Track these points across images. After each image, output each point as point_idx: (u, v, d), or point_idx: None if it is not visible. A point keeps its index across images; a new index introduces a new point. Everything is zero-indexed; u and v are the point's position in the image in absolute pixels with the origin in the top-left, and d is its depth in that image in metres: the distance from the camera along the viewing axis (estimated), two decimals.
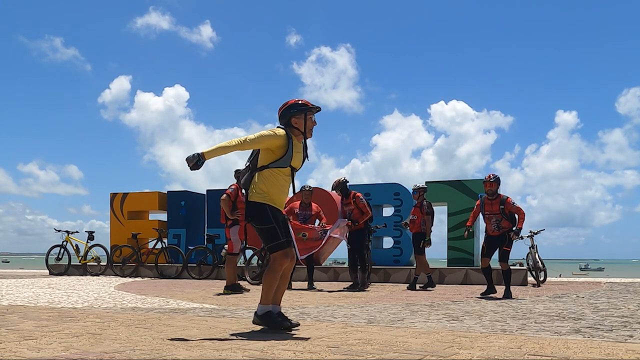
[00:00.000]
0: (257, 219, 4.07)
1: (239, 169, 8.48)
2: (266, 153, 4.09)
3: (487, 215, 7.47)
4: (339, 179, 8.96)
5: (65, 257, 13.28)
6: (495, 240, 7.47)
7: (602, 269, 76.58)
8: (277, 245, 4.03)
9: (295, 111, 4.16)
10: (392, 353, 3.10)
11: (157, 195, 13.79)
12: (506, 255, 7.47)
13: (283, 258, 4.04)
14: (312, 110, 4.20)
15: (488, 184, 7.54)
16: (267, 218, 4.04)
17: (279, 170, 4.08)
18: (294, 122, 4.16)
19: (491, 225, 7.44)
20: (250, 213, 4.10)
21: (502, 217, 7.38)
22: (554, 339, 3.60)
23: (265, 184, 4.07)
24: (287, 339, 3.61)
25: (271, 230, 4.04)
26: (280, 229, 4.05)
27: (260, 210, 4.05)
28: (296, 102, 4.20)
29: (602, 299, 6.80)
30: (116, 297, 7.22)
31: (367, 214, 8.66)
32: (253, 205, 4.08)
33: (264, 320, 4.05)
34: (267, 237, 4.06)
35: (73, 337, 3.72)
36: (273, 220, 4.04)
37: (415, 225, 9.05)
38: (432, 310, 5.57)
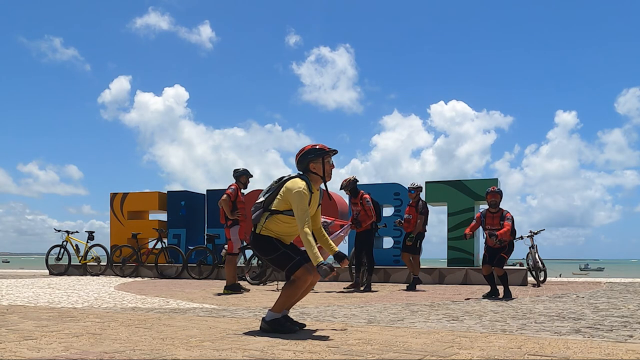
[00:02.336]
0: (265, 251, 4.12)
1: (237, 168, 8.50)
2: (283, 201, 4.10)
3: (489, 229, 7.47)
4: (349, 178, 8.84)
5: (65, 257, 13.28)
6: (496, 250, 7.48)
7: (602, 269, 76.57)
8: (294, 265, 4.03)
9: (313, 156, 4.18)
10: (392, 353, 3.10)
11: (157, 195, 13.79)
12: (503, 261, 7.46)
13: (306, 275, 4.02)
14: (329, 154, 4.22)
15: (491, 195, 7.52)
16: (274, 247, 4.08)
17: (292, 218, 4.09)
18: (312, 167, 4.18)
19: (492, 239, 7.43)
20: (256, 245, 4.14)
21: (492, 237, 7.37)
22: (554, 339, 3.60)
23: (276, 227, 4.10)
24: (287, 339, 3.61)
25: (282, 256, 4.07)
26: (290, 251, 4.08)
27: (266, 241, 4.09)
28: (313, 147, 4.21)
29: (602, 299, 6.80)
30: (116, 297, 7.22)
31: (370, 218, 8.59)
32: (260, 238, 4.12)
33: (272, 326, 4.02)
34: (281, 263, 4.09)
35: (73, 337, 3.72)
36: (281, 247, 4.08)
37: (411, 225, 9.02)
38: (432, 310, 5.57)
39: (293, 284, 4.04)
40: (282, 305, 4.07)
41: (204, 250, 12.03)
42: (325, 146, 4.23)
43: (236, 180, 8.39)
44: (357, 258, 9.04)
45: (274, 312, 4.05)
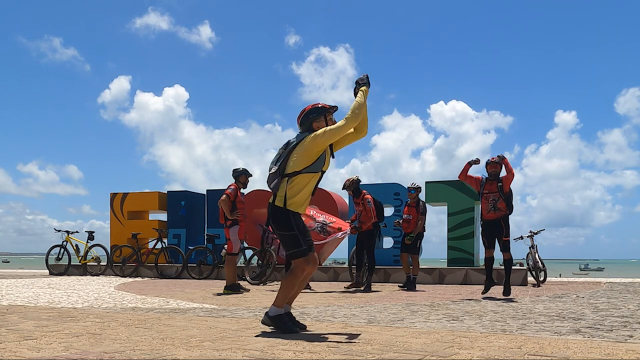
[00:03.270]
0: (280, 225, 4.08)
1: (236, 168, 8.49)
2: (301, 158, 4.06)
3: (485, 194, 7.40)
4: (352, 178, 8.83)
5: (65, 257, 13.29)
6: (491, 226, 7.38)
7: (602, 269, 76.58)
8: (299, 252, 4.04)
9: (315, 115, 4.17)
10: (392, 353, 3.10)
11: (157, 195, 13.79)
12: (507, 244, 7.43)
13: (305, 264, 4.04)
14: (330, 111, 4.21)
15: (491, 166, 7.45)
16: (289, 225, 4.05)
17: (311, 175, 4.08)
18: (316, 127, 4.16)
19: (488, 204, 7.36)
20: (273, 217, 4.11)
21: (499, 197, 7.31)
22: (554, 339, 3.60)
23: (294, 190, 4.05)
24: (287, 339, 3.61)
25: (293, 238, 4.05)
26: (301, 236, 4.06)
27: (284, 217, 4.05)
28: (315, 107, 4.21)
29: (602, 299, 6.80)
30: (116, 297, 7.22)
31: (369, 219, 8.58)
32: (277, 210, 4.08)
33: (275, 322, 4.02)
34: (288, 243, 4.08)
35: (73, 337, 3.72)
36: (295, 228, 4.05)
37: (411, 225, 9.01)
38: (432, 310, 5.57)
39: (291, 273, 4.06)
40: (284, 298, 4.06)
41: (204, 250, 12.03)
42: (325, 104, 4.22)
43: (235, 180, 8.39)
44: (358, 258, 9.03)
45: (277, 306, 4.05)
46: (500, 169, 7.45)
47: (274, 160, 4.20)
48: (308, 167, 4.05)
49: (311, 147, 4.04)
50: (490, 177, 7.46)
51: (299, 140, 4.12)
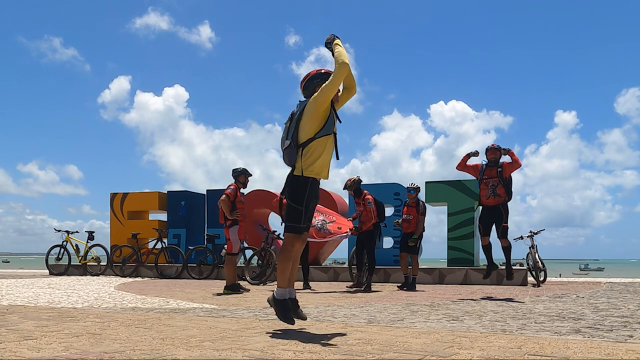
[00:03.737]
0: (294, 194, 4.07)
1: (236, 167, 8.49)
2: (311, 123, 4.03)
3: (485, 180, 7.39)
4: (353, 178, 8.84)
5: (65, 257, 13.29)
6: (489, 212, 7.35)
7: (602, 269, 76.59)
8: (296, 228, 4.06)
9: (319, 81, 4.14)
10: (392, 353, 3.10)
11: (157, 195, 13.79)
12: (505, 230, 7.41)
13: (295, 241, 4.08)
14: None
15: (491, 152, 7.45)
16: (301, 198, 4.05)
17: (326, 138, 4.06)
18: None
19: (487, 190, 7.34)
20: (290, 187, 4.10)
21: (498, 182, 7.30)
22: (554, 339, 3.60)
23: (314, 156, 4.03)
24: (287, 339, 3.61)
25: (297, 212, 4.05)
26: (305, 215, 4.07)
27: (301, 187, 4.04)
28: (318, 72, 4.20)
29: (602, 299, 6.80)
30: (116, 297, 7.22)
31: (370, 219, 8.57)
32: (295, 180, 4.07)
33: (277, 305, 4.05)
34: (291, 215, 4.08)
35: (73, 337, 3.72)
36: (305, 204, 4.05)
37: (411, 225, 9.01)
38: (432, 310, 5.57)
39: (282, 249, 4.10)
40: (282, 275, 4.09)
41: (204, 250, 12.03)
42: (330, 70, 4.19)
43: (235, 180, 8.39)
44: (358, 258, 9.03)
45: (281, 287, 4.07)
46: (500, 155, 7.46)
47: (284, 136, 4.18)
48: (320, 131, 4.03)
49: (316, 109, 4.01)
50: (490, 163, 7.46)
51: (301, 109, 4.11)
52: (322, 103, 4.01)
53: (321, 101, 4.00)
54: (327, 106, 4.04)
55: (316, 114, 4.02)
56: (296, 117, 4.11)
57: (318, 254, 11.89)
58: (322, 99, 4.00)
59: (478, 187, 7.54)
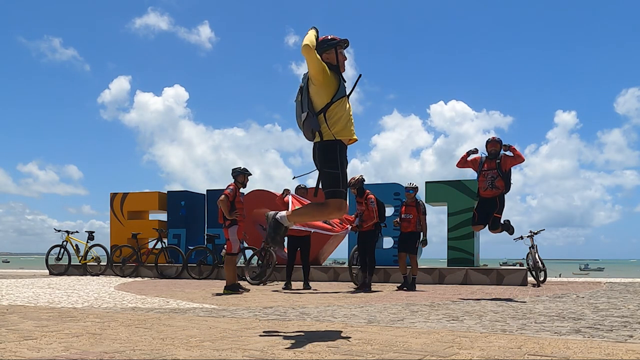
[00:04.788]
0: (326, 161, 4.02)
1: (236, 167, 8.48)
2: (323, 89, 4.00)
3: (484, 172, 7.39)
4: (356, 177, 8.84)
5: (65, 257, 13.30)
6: (486, 203, 7.34)
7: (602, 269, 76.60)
8: (337, 193, 4.00)
9: (326, 47, 4.11)
10: (392, 353, 3.10)
11: (157, 195, 13.79)
12: (497, 221, 7.38)
13: (336, 209, 4.01)
14: (341, 44, 4.17)
15: (491, 144, 7.45)
16: (335, 162, 4.00)
17: (342, 100, 4.03)
18: (326, 58, 4.10)
19: (485, 182, 7.33)
20: (321, 154, 4.04)
21: (497, 175, 7.30)
22: (554, 339, 3.60)
23: (336, 117, 4.00)
24: (287, 339, 3.60)
25: (336, 176, 4.00)
26: (343, 178, 4.03)
27: (332, 151, 4.00)
28: (325, 39, 4.16)
29: (602, 299, 6.80)
30: (116, 297, 7.22)
31: (371, 219, 8.56)
32: (326, 145, 4.02)
33: (274, 225, 4.02)
34: (330, 181, 4.02)
35: (73, 337, 3.72)
36: (340, 167, 4.01)
37: (411, 225, 9.01)
38: (432, 310, 5.57)
39: (322, 208, 4.03)
40: (301, 218, 4.07)
41: (204, 250, 12.03)
42: (336, 37, 4.18)
43: (234, 180, 8.38)
44: (361, 258, 9.00)
45: (289, 219, 4.04)
46: (500, 148, 7.46)
47: (299, 110, 4.13)
48: (336, 94, 4.01)
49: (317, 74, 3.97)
50: (490, 155, 7.47)
51: (306, 81, 4.09)
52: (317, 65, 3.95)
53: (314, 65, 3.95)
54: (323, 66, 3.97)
55: (323, 80, 3.98)
56: (305, 89, 4.08)
57: (318, 253, 11.89)
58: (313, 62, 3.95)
59: (477, 179, 7.54)
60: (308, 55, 3.93)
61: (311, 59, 3.95)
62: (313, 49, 3.92)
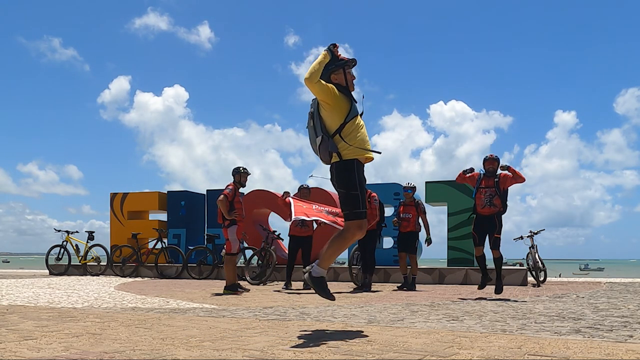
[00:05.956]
0: (344, 182, 4.00)
1: (237, 167, 8.48)
2: (335, 111, 3.99)
3: (482, 189, 7.38)
4: None
5: (65, 257, 13.30)
6: (484, 221, 7.34)
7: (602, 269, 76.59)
8: (356, 214, 3.97)
9: (334, 67, 4.10)
10: (392, 353, 3.10)
11: (157, 195, 13.79)
12: (498, 242, 7.39)
13: (357, 229, 3.99)
14: (349, 64, 4.15)
15: (489, 162, 7.45)
16: (353, 182, 3.98)
17: (355, 118, 4.03)
18: (334, 79, 4.10)
19: (483, 199, 7.33)
20: (339, 173, 4.01)
21: (495, 193, 7.30)
22: (554, 339, 3.60)
23: (352, 135, 3.98)
24: (287, 339, 3.60)
25: (355, 197, 3.98)
26: (362, 197, 4.00)
27: (350, 170, 3.98)
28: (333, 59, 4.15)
29: (602, 299, 6.80)
30: (116, 297, 7.22)
31: (374, 218, 8.55)
32: (341, 165, 4.00)
33: (316, 283, 3.97)
34: (349, 203, 3.99)
35: (73, 337, 3.72)
36: (358, 187, 3.98)
37: (410, 224, 9.01)
38: (432, 310, 5.57)
39: (343, 235, 4.00)
40: (330, 259, 4.01)
41: (204, 250, 12.04)
42: (345, 57, 4.16)
43: (234, 179, 8.36)
44: (362, 258, 9.00)
45: (322, 267, 3.99)
46: (497, 166, 7.46)
47: (313, 134, 4.11)
48: (349, 114, 4.00)
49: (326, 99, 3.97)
50: (487, 173, 7.46)
51: (316, 106, 4.09)
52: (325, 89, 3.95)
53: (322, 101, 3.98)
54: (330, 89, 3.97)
55: (332, 102, 3.98)
56: (316, 113, 4.07)
57: (318, 254, 11.88)
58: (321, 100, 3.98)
59: (474, 195, 7.54)
60: (310, 86, 3.95)
61: (314, 89, 3.97)
62: (314, 79, 3.92)
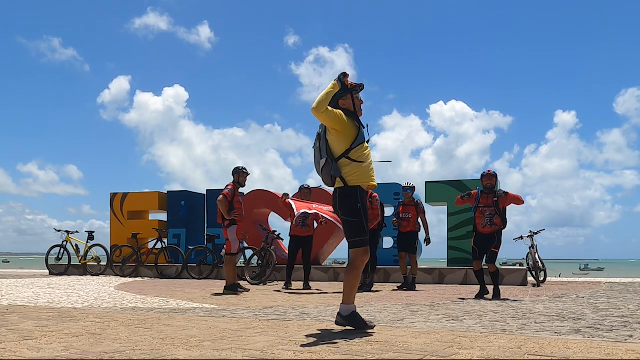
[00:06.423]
0: (348, 209, 4.01)
1: (238, 166, 8.47)
2: (342, 136, 4.00)
3: (481, 208, 7.38)
4: None
5: (65, 257, 13.29)
6: (485, 239, 7.37)
7: (602, 269, 76.59)
8: (361, 242, 4.00)
9: (342, 93, 4.12)
10: (392, 353, 3.10)
11: (157, 195, 13.79)
12: (494, 256, 7.40)
13: (364, 255, 4.02)
14: (356, 89, 4.18)
15: (487, 178, 7.45)
16: (357, 209, 3.99)
17: (361, 146, 4.04)
18: (342, 104, 4.12)
19: (483, 219, 7.34)
20: (343, 199, 4.03)
21: (495, 212, 7.30)
22: (554, 339, 3.60)
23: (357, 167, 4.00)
24: (287, 339, 3.61)
25: (359, 224, 4.00)
26: (366, 223, 4.02)
27: (353, 199, 3.99)
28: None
29: (602, 299, 6.80)
30: (116, 297, 7.22)
31: (375, 218, 8.55)
32: (344, 192, 4.01)
33: (350, 320, 3.97)
34: (354, 230, 4.02)
35: (73, 337, 3.72)
36: (362, 214, 4.00)
37: (410, 224, 9.01)
38: (432, 310, 5.57)
39: (352, 266, 4.02)
40: (351, 293, 4.02)
41: (204, 250, 12.03)
42: (352, 82, 4.19)
43: (233, 179, 8.35)
44: None
45: (348, 304, 4.00)
46: (495, 182, 7.48)
47: (317, 157, 4.14)
48: (355, 140, 4.01)
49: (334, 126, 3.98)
50: (485, 189, 7.46)
51: (324, 128, 4.10)
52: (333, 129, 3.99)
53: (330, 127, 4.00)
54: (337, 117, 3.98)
55: (337, 133, 4.01)
56: (323, 135, 4.10)
57: (318, 253, 11.89)
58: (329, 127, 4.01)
59: (473, 214, 7.53)
60: (317, 116, 3.98)
61: (321, 118, 3.99)
62: (321, 108, 3.93)
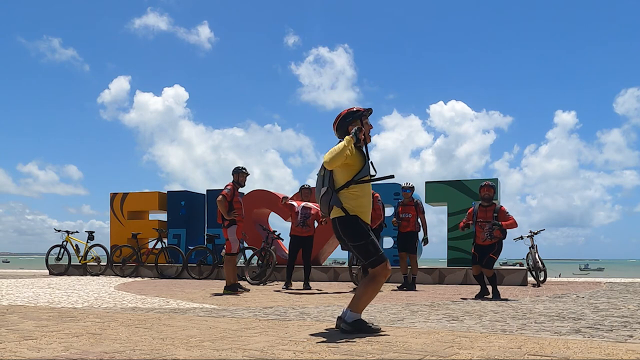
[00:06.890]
0: (354, 236, 4.02)
1: (237, 166, 8.46)
2: (347, 169, 4.03)
3: (480, 222, 7.40)
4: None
5: (65, 257, 13.29)
6: (486, 249, 7.40)
7: (602, 269, 76.59)
8: (378, 259, 3.99)
9: (351, 119, 4.15)
10: (392, 353, 3.10)
11: (157, 195, 13.79)
12: (492, 262, 7.39)
13: (386, 270, 4.01)
14: (365, 114, 4.20)
15: (486, 188, 7.47)
16: (362, 232, 4.01)
17: (365, 184, 4.06)
18: (351, 130, 4.12)
19: (483, 233, 7.36)
20: (345, 228, 4.05)
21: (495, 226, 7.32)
22: (554, 339, 3.60)
23: (352, 197, 4.02)
24: (287, 339, 3.61)
25: (370, 245, 4.00)
26: (375, 241, 4.04)
27: (354, 225, 4.01)
28: (350, 111, 4.20)
29: (602, 299, 6.80)
30: (116, 297, 7.22)
31: (378, 217, 8.53)
32: (345, 221, 4.03)
33: (354, 326, 3.96)
34: (367, 252, 4.01)
35: (73, 337, 3.72)
36: (368, 236, 4.01)
37: (410, 224, 9.01)
38: (432, 310, 5.57)
39: (374, 280, 4.00)
40: (363, 304, 4.02)
41: (204, 250, 12.03)
42: (361, 108, 4.21)
43: (233, 179, 8.34)
44: None
45: (355, 312, 4.00)
46: (494, 193, 7.49)
47: (319, 185, 4.17)
48: (358, 173, 4.03)
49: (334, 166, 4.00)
50: (484, 201, 7.46)
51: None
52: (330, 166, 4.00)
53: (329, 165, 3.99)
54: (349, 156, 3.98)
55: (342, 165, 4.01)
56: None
57: (318, 253, 11.89)
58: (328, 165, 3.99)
59: (473, 227, 7.53)
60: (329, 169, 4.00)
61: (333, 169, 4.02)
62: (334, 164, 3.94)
